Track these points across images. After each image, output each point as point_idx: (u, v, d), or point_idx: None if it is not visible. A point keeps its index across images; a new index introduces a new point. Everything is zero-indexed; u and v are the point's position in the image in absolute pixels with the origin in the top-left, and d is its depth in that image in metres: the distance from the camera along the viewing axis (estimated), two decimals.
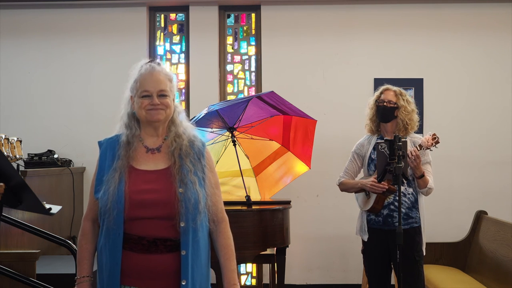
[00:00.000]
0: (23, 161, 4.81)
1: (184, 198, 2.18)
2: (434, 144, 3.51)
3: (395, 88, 3.78)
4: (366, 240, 3.70)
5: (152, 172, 2.24)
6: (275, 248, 4.33)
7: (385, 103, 3.70)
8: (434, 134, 3.54)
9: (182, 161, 2.24)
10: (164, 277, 2.20)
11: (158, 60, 2.37)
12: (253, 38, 5.72)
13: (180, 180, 2.21)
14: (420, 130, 5.26)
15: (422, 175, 3.55)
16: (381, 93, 3.76)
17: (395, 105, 3.69)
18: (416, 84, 5.46)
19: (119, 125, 2.35)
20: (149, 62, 2.32)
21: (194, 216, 2.20)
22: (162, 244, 2.19)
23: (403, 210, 3.57)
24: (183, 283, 2.17)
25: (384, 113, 3.71)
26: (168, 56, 5.76)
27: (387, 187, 3.50)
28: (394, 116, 3.70)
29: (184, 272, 2.18)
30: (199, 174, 2.26)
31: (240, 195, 4.38)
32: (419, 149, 3.52)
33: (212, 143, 4.51)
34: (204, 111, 4.21)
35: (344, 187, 3.85)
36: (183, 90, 5.68)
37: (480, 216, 4.91)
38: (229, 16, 5.75)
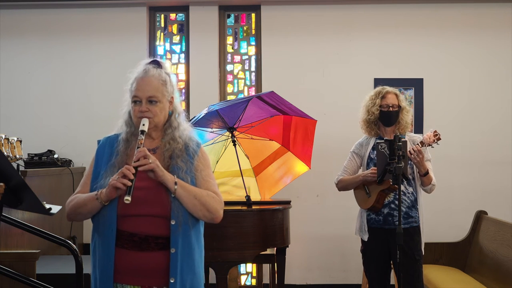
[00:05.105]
0: (23, 161, 4.80)
1: (174, 197, 2.21)
2: (435, 140, 3.50)
3: (392, 89, 3.78)
4: (366, 240, 3.70)
5: None
6: (275, 248, 4.33)
7: (390, 108, 3.71)
8: (435, 131, 3.54)
9: (174, 161, 2.27)
10: (156, 275, 2.22)
11: (159, 59, 2.37)
12: (253, 38, 5.72)
13: None
14: (420, 130, 5.29)
15: (427, 172, 3.56)
16: (383, 97, 3.75)
17: (398, 108, 3.70)
18: (416, 84, 5.46)
19: (121, 122, 2.37)
20: (149, 63, 2.33)
21: (185, 215, 2.23)
22: (154, 242, 2.21)
23: (403, 209, 3.58)
24: (172, 281, 2.19)
25: (390, 118, 3.72)
26: (168, 56, 5.76)
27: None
28: (397, 118, 3.71)
29: (173, 270, 2.19)
30: (191, 173, 2.28)
31: (240, 195, 4.38)
32: (420, 145, 3.53)
33: (212, 143, 4.51)
34: (204, 111, 4.21)
35: (343, 184, 3.84)
36: (183, 90, 5.68)
37: (480, 216, 4.91)
38: (229, 16, 5.75)
